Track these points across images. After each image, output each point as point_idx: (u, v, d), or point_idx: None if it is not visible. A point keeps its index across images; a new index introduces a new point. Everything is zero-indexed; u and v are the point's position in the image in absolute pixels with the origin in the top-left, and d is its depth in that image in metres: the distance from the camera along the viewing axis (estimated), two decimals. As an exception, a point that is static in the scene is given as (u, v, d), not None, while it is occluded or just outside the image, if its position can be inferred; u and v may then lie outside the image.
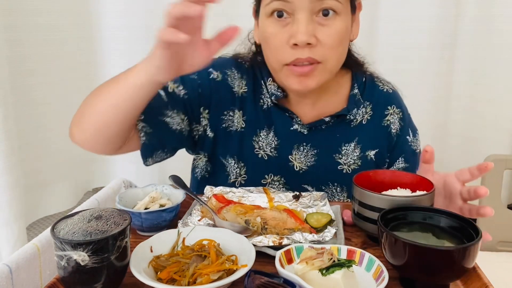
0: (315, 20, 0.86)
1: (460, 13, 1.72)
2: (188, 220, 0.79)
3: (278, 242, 0.71)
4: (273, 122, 1.01)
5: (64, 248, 0.56)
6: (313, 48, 0.86)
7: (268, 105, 1.02)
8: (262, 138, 1.01)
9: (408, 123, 1.07)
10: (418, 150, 1.08)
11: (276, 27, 0.88)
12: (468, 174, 0.79)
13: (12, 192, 1.40)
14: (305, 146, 1.01)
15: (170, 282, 0.61)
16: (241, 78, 1.02)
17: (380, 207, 0.73)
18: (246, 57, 1.05)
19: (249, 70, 1.04)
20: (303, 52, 0.86)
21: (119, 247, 0.59)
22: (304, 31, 0.84)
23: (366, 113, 1.03)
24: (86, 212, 0.63)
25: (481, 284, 0.64)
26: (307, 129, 1.01)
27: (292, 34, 0.86)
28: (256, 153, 1.01)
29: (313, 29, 0.86)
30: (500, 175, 1.52)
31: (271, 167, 1.01)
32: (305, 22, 0.84)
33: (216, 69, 1.01)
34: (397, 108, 1.05)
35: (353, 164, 1.02)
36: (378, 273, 0.63)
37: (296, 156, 1.01)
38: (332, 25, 0.87)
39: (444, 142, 1.88)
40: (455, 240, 0.67)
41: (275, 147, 1.01)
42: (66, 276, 0.58)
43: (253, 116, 1.01)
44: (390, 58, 1.77)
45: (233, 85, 1.02)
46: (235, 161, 1.02)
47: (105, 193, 1.08)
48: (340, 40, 0.88)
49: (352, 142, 1.02)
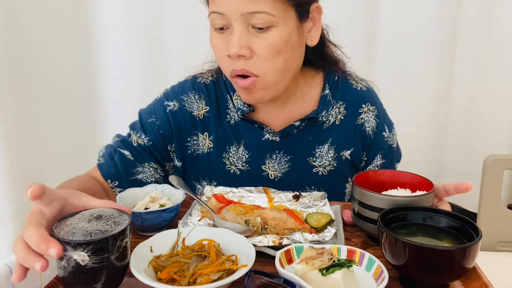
0: (250, 31, 0.84)
1: (460, 13, 1.71)
2: (188, 220, 0.79)
3: (278, 242, 0.71)
4: (242, 136, 1.01)
5: (64, 248, 0.55)
6: (248, 60, 0.85)
7: (235, 119, 1.01)
8: (232, 154, 1.01)
9: (383, 120, 1.06)
10: (394, 144, 1.08)
11: (218, 38, 0.87)
12: (443, 192, 0.80)
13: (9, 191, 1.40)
14: (278, 153, 1.01)
15: (170, 282, 0.61)
16: (199, 100, 1.02)
17: (380, 207, 0.73)
18: (206, 75, 1.05)
19: (210, 88, 1.03)
20: (238, 63, 0.86)
21: (119, 247, 0.58)
22: (236, 43, 0.83)
23: (340, 113, 1.02)
24: (86, 212, 0.63)
25: (481, 284, 0.64)
26: (279, 136, 1.00)
27: (227, 46, 0.86)
28: (228, 169, 1.01)
29: (247, 40, 0.84)
30: (500, 175, 1.52)
31: (244, 180, 1.00)
32: (238, 34, 0.83)
33: (171, 99, 1.02)
34: (372, 105, 1.05)
35: (329, 166, 1.02)
36: (378, 273, 0.63)
37: (269, 165, 1.01)
38: (267, 37, 0.84)
39: (444, 142, 1.87)
40: (455, 240, 0.67)
41: (246, 161, 1.01)
42: (66, 276, 0.58)
43: (220, 134, 1.01)
44: (390, 58, 1.77)
45: (191, 109, 1.01)
46: (207, 182, 1.02)
47: (105, 193, 1.08)
48: (277, 52, 0.85)
49: (325, 143, 1.01)
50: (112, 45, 1.75)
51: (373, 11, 1.72)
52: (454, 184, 0.78)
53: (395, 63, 1.78)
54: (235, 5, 0.81)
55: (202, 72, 1.06)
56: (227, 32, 0.86)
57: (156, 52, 1.75)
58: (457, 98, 1.81)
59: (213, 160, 1.01)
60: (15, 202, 1.43)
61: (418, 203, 0.73)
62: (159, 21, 1.72)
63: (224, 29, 0.86)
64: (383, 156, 1.05)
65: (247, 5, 0.81)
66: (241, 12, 0.81)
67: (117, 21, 1.71)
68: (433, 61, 1.76)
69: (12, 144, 1.43)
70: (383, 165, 1.05)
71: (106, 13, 1.71)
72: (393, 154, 1.07)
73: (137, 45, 1.73)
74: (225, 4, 0.82)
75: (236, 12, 0.82)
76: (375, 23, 1.74)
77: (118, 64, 1.77)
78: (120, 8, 1.70)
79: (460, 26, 1.73)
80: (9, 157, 1.40)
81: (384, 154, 1.05)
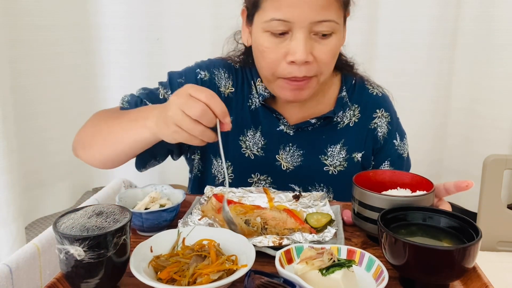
0: (312, 37, 0.87)
1: (460, 13, 1.71)
2: (188, 220, 0.79)
3: (278, 242, 0.71)
4: (260, 122, 1.02)
5: (63, 242, 0.57)
6: (308, 65, 0.87)
7: (256, 105, 1.03)
8: (249, 138, 1.02)
9: (396, 127, 1.07)
10: (405, 154, 1.08)
11: (273, 42, 0.88)
12: (443, 191, 0.80)
13: (11, 192, 1.40)
14: (291, 146, 1.02)
15: (170, 282, 0.61)
16: (228, 78, 1.03)
17: (380, 207, 0.73)
18: (235, 59, 1.06)
19: (238, 71, 1.04)
20: (300, 70, 0.87)
21: (116, 244, 0.59)
22: (303, 50, 0.85)
23: (354, 116, 1.04)
24: (89, 208, 0.64)
25: (481, 284, 0.64)
26: (293, 130, 1.01)
27: (289, 51, 0.86)
28: (243, 152, 1.02)
29: (311, 47, 0.86)
30: (500, 175, 1.52)
31: (258, 166, 1.02)
32: (304, 41, 0.85)
33: (204, 69, 1.03)
34: (386, 111, 1.06)
35: (339, 166, 1.02)
36: (378, 273, 0.63)
37: (282, 156, 1.02)
38: (329, 43, 0.88)
39: (444, 142, 1.88)
40: (455, 240, 0.67)
41: (262, 147, 1.02)
42: (65, 269, 0.60)
43: (240, 116, 1.02)
44: (390, 58, 1.77)
45: (219, 84, 1.03)
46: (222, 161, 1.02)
47: (105, 193, 1.08)
48: (334, 56, 0.90)
49: (338, 144, 1.02)
50: (112, 45, 1.75)
51: (373, 11, 1.72)
52: (454, 182, 0.79)
53: (395, 63, 1.78)
54: (306, 14, 0.83)
55: (229, 57, 1.07)
56: (286, 37, 0.87)
57: (156, 52, 1.74)
58: (457, 98, 1.81)
59: (230, 140, 1.02)
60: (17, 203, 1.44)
61: (418, 203, 0.73)
62: (159, 21, 1.72)
63: (284, 35, 0.87)
64: (391, 163, 1.05)
65: (317, 14, 0.83)
66: (310, 21, 0.84)
67: (117, 21, 1.71)
68: (433, 61, 1.76)
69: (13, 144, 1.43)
70: None
71: (107, 13, 1.71)
72: (402, 163, 1.07)
73: (137, 45, 1.73)
74: (294, 13, 0.83)
75: (304, 20, 0.84)
76: (375, 23, 1.74)
77: (119, 64, 1.77)
78: (120, 8, 1.70)
79: (460, 26, 1.73)
80: (11, 158, 1.40)
81: (392, 161, 1.06)
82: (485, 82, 1.74)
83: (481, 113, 1.78)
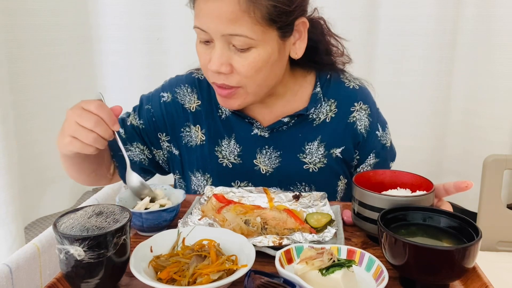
0: (231, 49, 0.85)
1: (460, 13, 1.71)
2: (188, 220, 0.79)
3: (278, 242, 0.71)
4: (233, 130, 1.02)
5: (62, 242, 0.57)
6: (228, 75, 0.87)
7: (226, 114, 1.02)
8: (225, 147, 1.02)
9: (377, 118, 1.06)
10: (388, 144, 1.07)
11: (202, 47, 0.89)
12: (443, 191, 0.80)
13: (10, 191, 1.40)
14: (267, 148, 1.01)
15: (170, 282, 0.61)
16: (191, 93, 1.04)
17: (380, 207, 0.73)
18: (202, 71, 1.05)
19: (203, 83, 1.05)
20: (219, 77, 0.88)
21: (116, 244, 0.59)
22: (215, 61, 0.85)
23: (331, 111, 1.02)
24: (89, 208, 0.64)
25: (481, 284, 0.64)
26: (267, 132, 1.01)
27: (210, 58, 0.87)
28: (220, 162, 1.02)
29: (228, 58, 0.85)
30: (500, 175, 1.52)
31: (237, 174, 1.01)
32: (219, 52, 0.85)
33: (166, 90, 1.05)
34: (364, 104, 1.04)
35: (319, 163, 1.01)
36: (378, 273, 0.63)
37: (260, 159, 1.01)
38: (248, 57, 0.85)
39: (444, 142, 1.88)
40: (455, 240, 0.67)
41: (238, 154, 1.01)
42: (65, 269, 0.60)
43: (212, 127, 1.02)
44: (390, 58, 1.77)
45: (183, 102, 1.04)
46: (201, 174, 1.03)
47: (105, 193, 1.08)
48: (256, 70, 0.86)
49: (315, 140, 1.01)
50: (112, 45, 1.75)
51: (373, 11, 1.72)
52: (454, 183, 0.79)
53: (395, 63, 1.78)
54: (216, 26, 0.83)
55: (199, 68, 1.07)
56: (211, 45, 0.87)
57: (156, 52, 1.75)
58: (457, 98, 1.81)
59: (206, 153, 1.02)
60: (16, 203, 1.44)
61: (418, 203, 0.73)
62: (159, 21, 1.72)
63: (209, 42, 0.88)
64: (376, 155, 1.05)
65: (226, 27, 0.82)
66: (221, 33, 0.83)
67: (118, 21, 1.71)
68: (433, 61, 1.76)
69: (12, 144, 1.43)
70: (377, 164, 1.05)
71: (107, 13, 1.71)
72: (386, 153, 1.07)
73: (137, 45, 1.73)
74: (206, 24, 0.84)
75: (216, 32, 0.84)
76: (375, 23, 1.74)
77: (118, 64, 1.77)
78: (121, 8, 1.70)
79: (460, 26, 1.73)
80: (10, 157, 1.40)
81: (377, 153, 1.05)
82: (485, 82, 1.74)
83: (481, 113, 1.78)
